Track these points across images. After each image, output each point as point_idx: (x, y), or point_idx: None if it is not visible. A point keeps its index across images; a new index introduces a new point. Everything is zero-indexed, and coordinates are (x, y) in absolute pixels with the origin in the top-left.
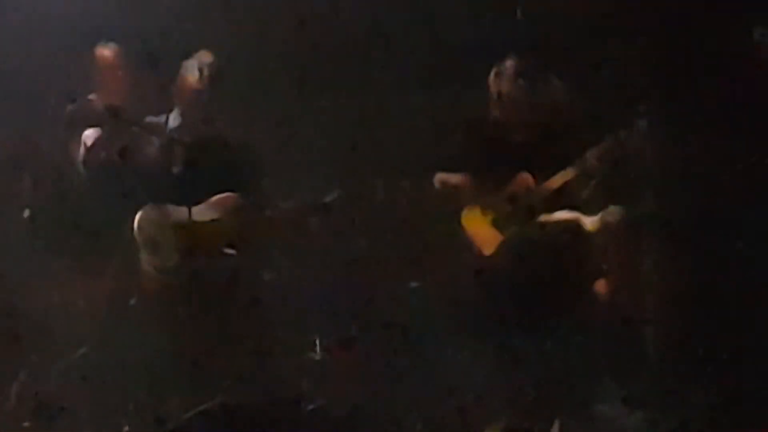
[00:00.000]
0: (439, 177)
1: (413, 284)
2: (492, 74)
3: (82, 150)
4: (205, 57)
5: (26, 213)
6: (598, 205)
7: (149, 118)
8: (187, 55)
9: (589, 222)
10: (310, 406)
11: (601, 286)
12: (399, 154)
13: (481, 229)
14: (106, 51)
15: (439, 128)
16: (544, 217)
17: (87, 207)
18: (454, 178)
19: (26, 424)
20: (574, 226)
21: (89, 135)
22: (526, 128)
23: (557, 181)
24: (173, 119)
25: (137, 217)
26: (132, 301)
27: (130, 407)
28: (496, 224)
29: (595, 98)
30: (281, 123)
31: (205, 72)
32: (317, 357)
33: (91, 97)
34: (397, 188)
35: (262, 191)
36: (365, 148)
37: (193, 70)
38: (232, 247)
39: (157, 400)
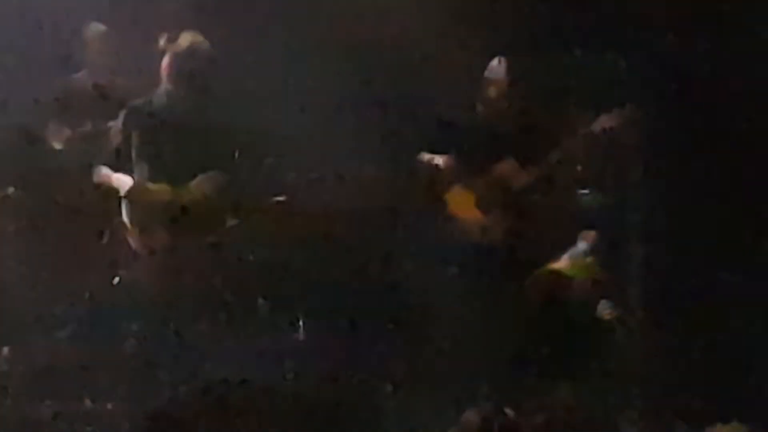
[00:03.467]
0: (425, 157)
1: (399, 264)
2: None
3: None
4: (195, 38)
5: (10, 191)
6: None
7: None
8: (177, 37)
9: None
10: (294, 386)
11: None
12: (385, 136)
13: (465, 211)
14: (95, 30)
15: (427, 111)
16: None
17: (73, 185)
18: (439, 159)
19: (9, 401)
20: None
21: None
22: (513, 115)
23: (541, 166)
24: (159, 98)
25: (125, 196)
26: (117, 280)
27: (115, 385)
28: (479, 206)
29: (581, 86)
30: (270, 103)
31: (191, 57)
32: (301, 337)
33: (79, 75)
34: (382, 168)
35: (248, 171)
36: (352, 128)
37: (177, 55)
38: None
39: (142, 378)
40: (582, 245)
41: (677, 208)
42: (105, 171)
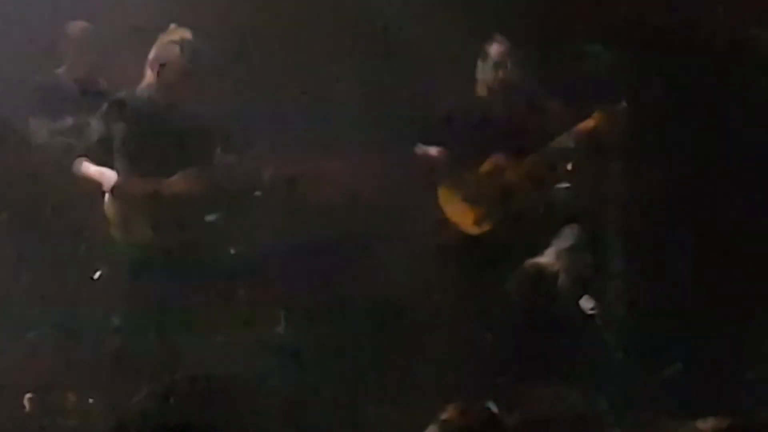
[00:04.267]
0: (420, 149)
1: (385, 259)
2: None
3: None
4: (180, 33)
5: None
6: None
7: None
8: (161, 30)
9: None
10: (274, 380)
11: None
12: (377, 128)
13: (454, 205)
14: (76, 27)
15: (423, 102)
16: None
17: (55, 181)
18: (433, 151)
19: None
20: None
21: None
22: (507, 109)
23: (530, 162)
24: (141, 92)
25: (108, 190)
26: (98, 274)
27: (94, 380)
28: (467, 201)
29: (574, 83)
30: (257, 96)
31: (175, 51)
32: (282, 331)
33: (59, 71)
34: (374, 160)
35: (233, 164)
36: (335, 122)
37: (167, 46)
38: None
39: (121, 373)
40: (566, 239)
41: (660, 204)
42: (86, 165)
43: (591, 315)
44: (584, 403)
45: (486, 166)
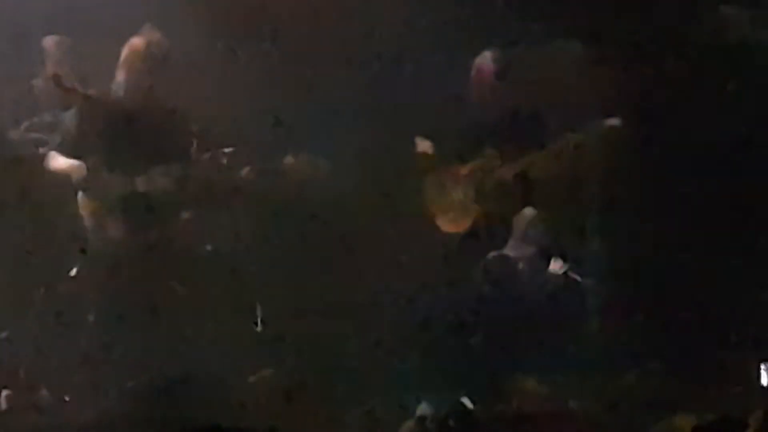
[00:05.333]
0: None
1: (365, 256)
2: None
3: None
4: (152, 33)
5: None
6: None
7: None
8: (134, 31)
9: None
10: (252, 378)
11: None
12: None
13: (441, 205)
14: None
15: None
16: None
17: (32, 178)
18: (423, 145)
19: None
20: None
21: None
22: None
23: (522, 163)
24: (117, 89)
25: (81, 187)
26: (73, 272)
27: (70, 377)
28: (455, 194)
29: (568, 88)
30: (235, 93)
31: (151, 49)
32: (258, 328)
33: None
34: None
35: (205, 162)
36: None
37: (139, 47)
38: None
39: (97, 370)
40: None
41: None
42: (60, 160)
43: (561, 274)
44: (557, 397)
45: (477, 162)
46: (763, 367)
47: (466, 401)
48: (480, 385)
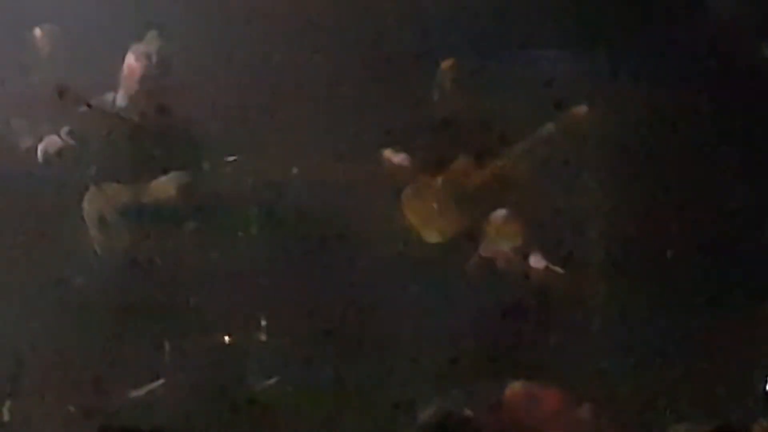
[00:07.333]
0: (385, 154)
1: (360, 263)
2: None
3: (40, 152)
4: (153, 41)
5: None
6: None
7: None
8: (136, 38)
9: None
10: (256, 387)
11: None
12: (346, 134)
13: (419, 211)
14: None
15: (386, 109)
16: None
17: (36, 187)
18: (397, 158)
19: None
20: None
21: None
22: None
23: (495, 166)
24: (120, 99)
25: (86, 197)
26: (78, 282)
27: (74, 387)
28: (433, 205)
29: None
30: (231, 104)
31: (154, 58)
32: (263, 338)
33: (40, 75)
34: (345, 167)
35: (210, 171)
36: (314, 128)
37: (140, 55)
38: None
39: (101, 381)
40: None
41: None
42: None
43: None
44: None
45: (452, 169)
46: None
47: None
48: (475, 392)
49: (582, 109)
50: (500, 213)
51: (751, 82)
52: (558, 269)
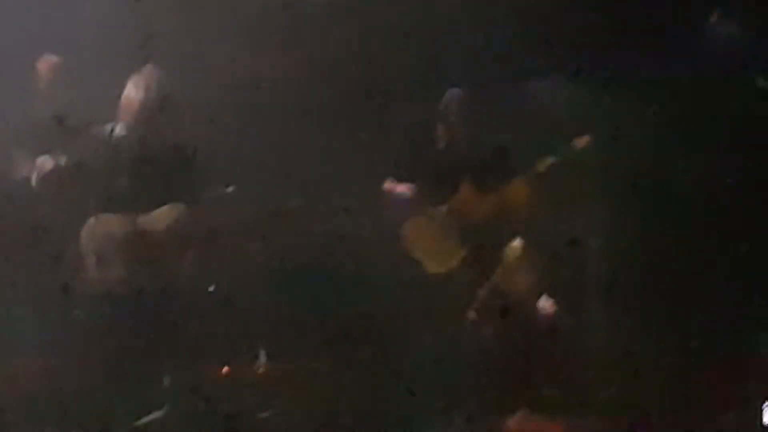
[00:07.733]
0: (387, 185)
1: (361, 294)
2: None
3: (35, 175)
4: (152, 72)
5: None
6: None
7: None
8: (136, 69)
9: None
10: (254, 420)
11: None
12: (348, 163)
13: (422, 242)
14: (48, 62)
15: (389, 138)
16: None
17: (34, 216)
18: (401, 188)
19: None
20: None
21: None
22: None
23: (502, 193)
24: (120, 129)
25: (84, 228)
26: (76, 312)
27: (73, 416)
28: (438, 236)
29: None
30: (231, 134)
31: (153, 88)
32: (261, 369)
33: (38, 105)
34: (346, 198)
35: (210, 201)
36: (315, 158)
37: (139, 88)
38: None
39: (99, 410)
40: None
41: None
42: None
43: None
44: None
45: (456, 200)
46: (766, 405)
47: None
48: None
49: (585, 139)
50: (516, 243)
51: (747, 116)
52: (567, 317)
